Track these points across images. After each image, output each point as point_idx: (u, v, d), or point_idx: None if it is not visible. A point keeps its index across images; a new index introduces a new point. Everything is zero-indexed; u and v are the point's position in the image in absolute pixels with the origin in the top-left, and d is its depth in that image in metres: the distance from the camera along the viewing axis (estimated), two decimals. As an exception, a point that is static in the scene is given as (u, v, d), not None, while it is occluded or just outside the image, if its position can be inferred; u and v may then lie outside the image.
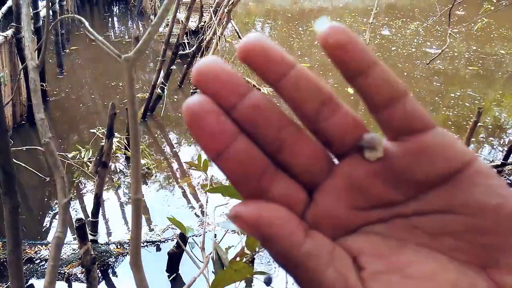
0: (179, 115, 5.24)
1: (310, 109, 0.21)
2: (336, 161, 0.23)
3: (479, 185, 0.21)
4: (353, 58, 0.20)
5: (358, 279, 0.20)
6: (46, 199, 3.74)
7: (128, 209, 3.56)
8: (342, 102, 0.21)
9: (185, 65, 5.74)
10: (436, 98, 5.81)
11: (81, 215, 3.43)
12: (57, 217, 2.38)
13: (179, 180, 4.06)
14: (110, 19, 9.78)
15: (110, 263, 2.98)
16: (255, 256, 1.11)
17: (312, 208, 0.22)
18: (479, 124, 3.51)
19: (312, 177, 0.22)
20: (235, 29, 7.78)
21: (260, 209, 0.20)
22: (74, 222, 2.45)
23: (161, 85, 4.89)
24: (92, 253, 2.27)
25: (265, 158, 0.21)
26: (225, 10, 5.42)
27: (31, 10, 3.77)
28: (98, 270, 2.70)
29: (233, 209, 0.21)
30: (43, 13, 4.87)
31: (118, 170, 4.09)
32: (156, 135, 4.93)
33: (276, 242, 0.20)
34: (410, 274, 0.20)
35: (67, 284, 2.81)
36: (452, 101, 5.76)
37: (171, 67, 4.97)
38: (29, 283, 2.77)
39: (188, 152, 4.63)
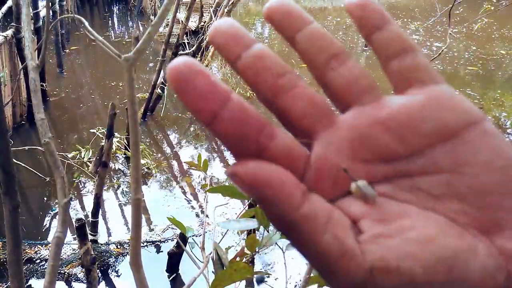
0: (179, 115, 5.25)
1: (321, 60, 0.22)
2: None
3: (487, 145, 0.21)
4: (372, 16, 0.23)
5: (355, 242, 0.20)
6: (46, 199, 3.74)
7: (128, 209, 3.56)
8: (351, 58, 0.23)
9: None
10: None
11: (81, 215, 3.43)
12: (57, 217, 2.38)
13: (179, 180, 4.06)
14: (110, 19, 9.79)
15: (110, 263, 2.98)
16: (255, 256, 1.11)
17: (312, 162, 0.21)
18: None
19: (311, 124, 0.22)
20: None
21: (258, 168, 0.20)
22: (74, 222, 2.45)
23: (161, 85, 4.90)
24: (92, 253, 2.27)
25: (260, 114, 0.21)
26: (225, 10, 5.42)
27: (31, 10, 3.77)
28: (98, 270, 2.70)
29: (232, 167, 0.20)
30: (43, 13, 4.88)
31: (118, 170, 4.09)
32: (156, 135, 4.93)
33: (272, 203, 0.20)
34: (410, 238, 0.20)
35: (67, 284, 2.81)
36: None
37: (171, 67, 4.96)
38: (29, 283, 2.77)
39: (188, 152, 4.63)
